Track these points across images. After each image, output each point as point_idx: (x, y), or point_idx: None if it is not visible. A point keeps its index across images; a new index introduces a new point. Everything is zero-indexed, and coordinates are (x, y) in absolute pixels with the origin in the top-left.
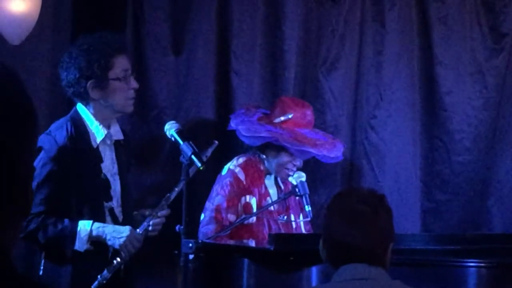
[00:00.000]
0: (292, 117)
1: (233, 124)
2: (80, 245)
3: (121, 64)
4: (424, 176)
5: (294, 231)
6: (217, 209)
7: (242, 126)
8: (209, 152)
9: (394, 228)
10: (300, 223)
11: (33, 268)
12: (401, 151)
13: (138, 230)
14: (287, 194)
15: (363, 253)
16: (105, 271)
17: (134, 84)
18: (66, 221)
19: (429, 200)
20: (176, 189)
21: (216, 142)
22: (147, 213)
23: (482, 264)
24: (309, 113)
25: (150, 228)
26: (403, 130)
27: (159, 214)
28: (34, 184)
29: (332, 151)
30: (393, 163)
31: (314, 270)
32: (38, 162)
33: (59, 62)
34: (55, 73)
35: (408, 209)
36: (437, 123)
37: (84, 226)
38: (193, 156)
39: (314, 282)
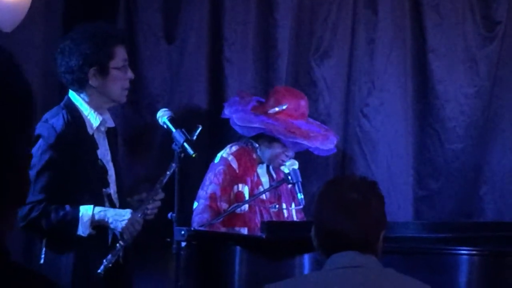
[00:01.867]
0: (286, 108)
1: (227, 112)
2: (84, 229)
3: (121, 54)
4: (417, 164)
5: (285, 220)
6: (212, 197)
7: (236, 115)
8: (193, 136)
9: (387, 216)
10: (292, 211)
11: (33, 259)
12: (394, 139)
13: (137, 213)
14: (279, 181)
15: (355, 241)
16: (110, 255)
17: (130, 74)
18: (67, 207)
19: (421, 188)
20: (168, 172)
21: (200, 126)
22: (143, 196)
23: (474, 252)
24: (303, 103)
25: (148, 211)
26: (395, 118)
27: (155, 198)
28: (34, 172)
29: (325, 143)
30: (385, 151)
31: (306, 258)
32: (37, 150)
33: (59, 48)
34: (48, 60)
35: (400, 197)
36: (429, 111)
37: (86, 210)
38: (185, 144)
39: (306, 270)
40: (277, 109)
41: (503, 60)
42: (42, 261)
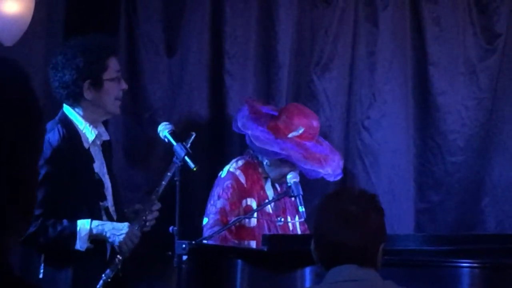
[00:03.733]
0: (303, 131)
1: (240, 125)
2: (81, 244)
3: (114, 65)
4: (418, 177)
5: (291, 233)
6: (222, 212)
7: (253, 132)
8: (188, 144)
9: (388, 228)
10: (296, 224)
11: (32, 274)
12: (395, 152)
13: (134, 226)
14: (280, 195)
15: (354, 254)
16: (108, 270)
17: (123, 85)
18: (65, 221)
19: (422, 200)
20: (163, 182)
21: (194, 133)
22: (136, 207)
23: (476, 265)
24: (316, 124)
25: (147, 224)
26: (396, 131)
27: (152, 208)
28: None
29: (337, 169)
30: (386, 164)
31: (307, 271)
32: None
33: (51, 63)
34: (47, 78)
35: (401, 210)
36: (430, 124)
37: (84, 225)
38: (186, 157)
39: (307, 283)
40: (295, 133)
41: (503, 72)
42: (41, 275)
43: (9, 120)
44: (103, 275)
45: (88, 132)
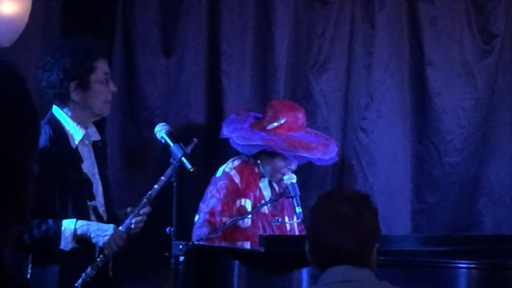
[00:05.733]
0: (285, 121)
1: (225, 132)
2: (66, 244)
3: (102, 68)
4: (415, 177)
5: (288, 233)
6: (211, 212)
7: (235, 134)
8: (188, 150)
9: (384, 229)
10: (294, 225)
11: (19, 273)
12: (392, 152)
13: (120, 228)
14: (277, 195)
15: (348, 255)
16: (89, 268)
17: (113, 87)
18: (50, 221)
19: (419, 201)
20: (156, 186)
21: (195, 140)
22: (128, 210)
23: (473, 265)
24: (301, 116)
25: (132, 226)
26: (393, 131)
27: (141, 212)
28: None
29: (327, 153)
30: (383, 164)
31: (304, 272)
32: None
33: (41, 63)
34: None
35: (398, 210)
36: (427, 124)
37: (68, 225)
38: (183, 158)
39: (304, 284)
40: (275, 124)
41: (500, 73)
42: (29, 275)
43: (5, 120)
44: (83, 274)
45: (76, 131)
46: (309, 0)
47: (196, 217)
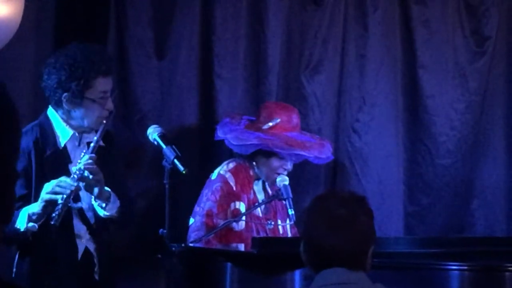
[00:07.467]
0: (279, 121)
1: (220, 134)
2: (21, 224)
3: (101, 86)
4: (407, 179)
5: (281, 236)
6: (208, 215)
7: (230, 135)
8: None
9: (378, 231)
10: (286, 227)
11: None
12: (384, 155)
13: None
14: (270, 198)
15: (343, 257)
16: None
17: (110, 106)
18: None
19: (412, 203)
20: (96, 138)
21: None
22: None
23: (465, 267)
24: (295, 116)
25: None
26: (386, 134)
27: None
28: None
29: (322, 151)
30: (376, 167)
31: (297, 274)
32: None
33: (47, 60)
34: (38, 77)
35: (391, 213)
36: (420, 127)
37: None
38: (175, 160)
39: (297, 286)
40: (270, 124)
41: (493, 75)
42: (13, 275)
43: None
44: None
45: (64, 132)
46: (302, 2)
47: (191, 220)
